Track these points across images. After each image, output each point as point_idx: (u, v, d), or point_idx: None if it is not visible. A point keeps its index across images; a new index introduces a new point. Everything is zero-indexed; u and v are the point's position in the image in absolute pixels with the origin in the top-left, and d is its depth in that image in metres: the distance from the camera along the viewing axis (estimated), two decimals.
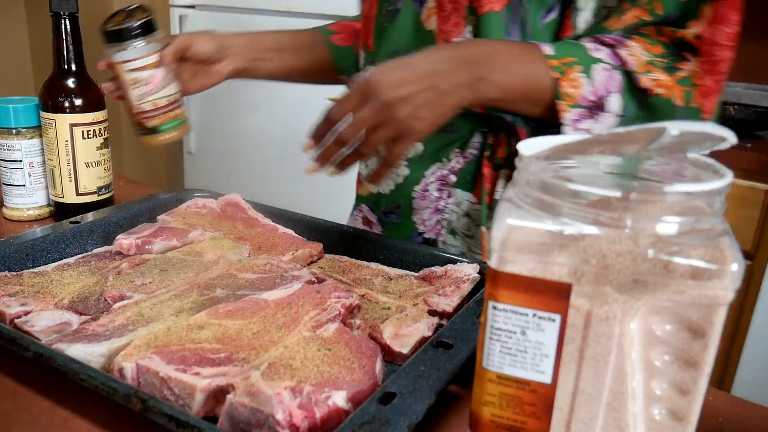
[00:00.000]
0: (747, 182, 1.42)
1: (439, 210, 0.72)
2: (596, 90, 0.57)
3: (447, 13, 0.65)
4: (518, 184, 0.33)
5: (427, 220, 0.73)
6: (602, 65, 0.57)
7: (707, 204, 0.30)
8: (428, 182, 0.72)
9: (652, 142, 0.31)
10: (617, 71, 0.57)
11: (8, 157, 0.77)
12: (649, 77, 0.58)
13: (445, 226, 0.72)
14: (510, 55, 0.57)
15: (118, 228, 0.68)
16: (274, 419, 0.37)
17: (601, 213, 0.30)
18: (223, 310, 0.49)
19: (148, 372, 0.42)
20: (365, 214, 0.81)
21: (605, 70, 0.57)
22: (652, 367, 0.31)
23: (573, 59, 0.57)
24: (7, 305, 0.50)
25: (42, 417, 0.43)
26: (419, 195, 0.73)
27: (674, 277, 0.29)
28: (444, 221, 0.72)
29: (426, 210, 0.73)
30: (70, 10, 0.72)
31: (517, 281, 0.31)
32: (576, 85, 0.57)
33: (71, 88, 0.74)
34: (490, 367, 0.34)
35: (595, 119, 0.58)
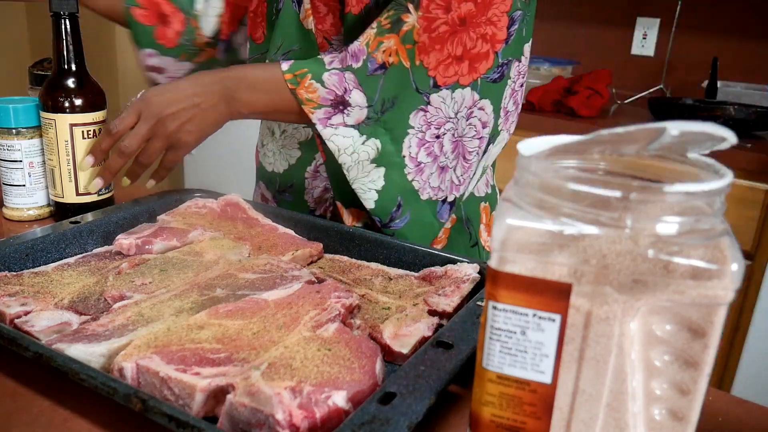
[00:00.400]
0: (747, 182, 1.42)
1: (328, 189, 0.79)
2: (332, 90, 0.66)
3: (322, 14, 0.73)
4: (518, 184, 0.33)
5: (318, 198, 0.80)
6: (332, 71, 0.66)
7: (707, 204, 0.30)
8: (319, 164, 0.79)
9: (652, 142, 0.31)
10: (347, 72, 0.66)
11: (8, 157, 0.77)
12: (381, 50, 0.66)
13: (332, 203, 0.80)
14: (254, 75, 0.68)
15: (118, 228, 0.68)
16: (274, 419, 0.37)
17: (601, 213, 0.30)
18: (223, 310, 0.50)
19: (148, 372, 0.42)
20: (262, 190, 0.89)
21: (334, 74, 0.66)
22: (652, 367, 0.31)
23: (305, 70, 0.66)
24: (7, 305, 0.50)
25: (42, 417, 0.43)
26: (311, 175, 0.80)
27: (674, 277, 0.29)
28: (331, 198, 0.79)
29: (317, 189, 0.80)
30: (70, 10, 0.72)
31: (517, 281, 0.31)
32: (312, 90, 0.66)
33: (71, 88, 0.74)
34: (490, 367, 0.34)
35: (344, 113, 0.67)
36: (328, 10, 0.72)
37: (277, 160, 0.84)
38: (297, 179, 0.82)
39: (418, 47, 0.65)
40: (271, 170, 0.86)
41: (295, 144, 0.81)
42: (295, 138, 0.81)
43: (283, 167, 0.83)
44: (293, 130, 0.81)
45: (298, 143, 0.81)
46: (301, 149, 0.81)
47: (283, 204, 0.85)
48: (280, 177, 0.84)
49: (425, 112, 0.67)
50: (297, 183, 0.82)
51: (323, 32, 0.73)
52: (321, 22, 0.73)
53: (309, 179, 0.81)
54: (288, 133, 0.82)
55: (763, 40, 1.86)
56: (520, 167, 0.33)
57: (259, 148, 0.90)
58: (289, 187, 0.83)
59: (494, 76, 0.69)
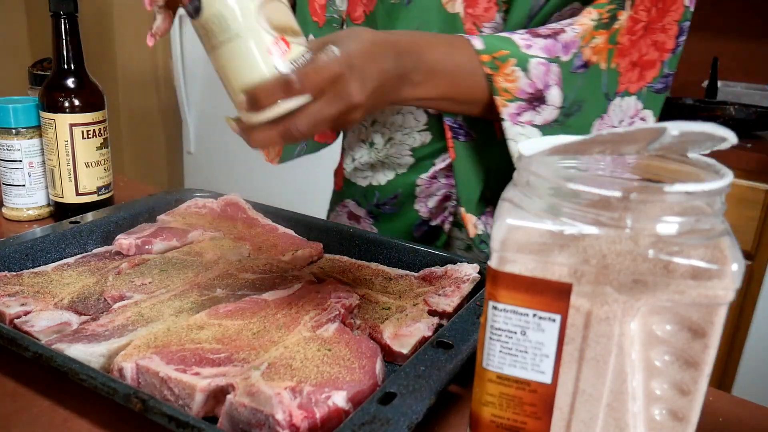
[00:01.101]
0: (747, 182, 1.42)
1: (448, 197, 0.72)
2: (534, 83, 0.57)
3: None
4: (518, 184, 0.33)
5: (434, 208, 0.73)
6: (538, 59, 0.56)
7: (707, 204, 0.30)
8: (437, 169, 0.71)
9: (653, 142, 0.31)
10: (554, 64, 0.57)
11: (8, 157, 0.77)
12: (590, 46, 0.58)
13: (452, 213, 0.72)
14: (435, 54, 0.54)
15: (117, 228, 0.68)
16: (274, 419, 0.37)
17: (601, 213, 0.30)
18: (223, 310, 0.49)
19: (147, 372, 0.42)
20: (350, 209, 0.80)
21: (541, 64, 0.57)
22: (653, 367, 0.31)
23: (505, 52, 0.56)
24: (7, 305, 0.50)
25: (42, 417, 0.43)
26: (425, 182, 0.72)
27: (674, 277, 0.29)
28: (452, 206, 0.72)
29: (433, 197, 0.72)
30: (69, 11, 0.72)
31: (517, 281, 0.31)
32: (512, 79, 0.56)
33: (71, 88, 0.74)
34: (490, 367, 0.34)
35: (536, 111, 0.58)
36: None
37: (378, 173, 0.75)
38: (405, 188, 0.73)
39: (617, 49, 0.59)
40: (368, 184, 0.77)
41: (406, 151, 0.72)
42: (405, 145, 0.72)
43: (387, 178, 0.75)
44: (403, 136, 0.72)
45: (411, 150, 0.72)
46: (414, 155, 0.72)
47: (383, 219, 0.77)
48: (381, 189, 0.75)
49: (602, 119, 0.61)
50: (404, 193, 0.74)
51: (474, 18, 0.64)
52: (472, 5, 0.63)
53: (423, 187, 0.72)
54: (396, 141, 0.73)
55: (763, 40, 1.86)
56: (521, 167, 0.33)
57: (345, 165, 0.80)
58: (392, 199, 0.75)
59: (658, 86, 0.63)
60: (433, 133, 0.70)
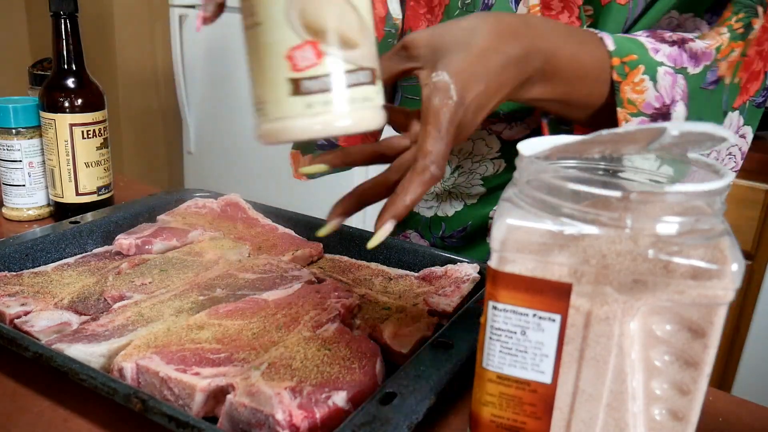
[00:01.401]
0: (747, 182, 1.43)
1: None
2: (661, 96, 0.49)
3: (556, 11, 0.57)
4: (518, 184, 0.33)
5: None
6: (665, 68, 0.49)
7: (707, 204, 0.30)
8: None
9: (653, 142, 0.31)
10: (680, 75, 0.49)
11: (8, 157, 0.77)
12: (727, 60, 0.51)
13: None
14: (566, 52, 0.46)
15: (117, 228, 0.68)
16: (274, 419, 0.37)
17: (601, 213, 0.30)
18: (223, 310, 0.49)
19: (147, 372, 0.42)
20: (412, 239, 0.76)
21: (668, 74, 0.49)
22: (652, 367, 0.31)
23: (634, 57, 0.48)
24: (7, 305, 0.50)
25: (42, 417, 0.43)
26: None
27: (674, 277, 0.29)
28: None
29: None
30: (69, 10, 0.72)
31: (517, 281, 0.31)
32: (640, 90, 0.48)
33: (71, 88, 0.74)
34: (490, 367, 0.34)
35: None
36: (563, 5, 0.56)
37: (444, 203, 0.70)
38: (475, 221, 0.68)
39: (744, 62, 0.52)
40: (433, 215, 0.71)
41: (477, 180, 0.66)
42: (476, 173, 0.66)
43: (454, 209, 0.69)
44: (473, 164, 0.66)
45: (482, 179, 0.66)
46: (486, 185, 0.66)
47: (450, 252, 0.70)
48: (448, 221, 0.70)
49: None
50: (474, 225, 0.68)
51: None
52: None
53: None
54: (465, 169, 0.67)
55: None
56: (521, 167, 0.33)
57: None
58: (460, 232, 0.70)
59: (759, 100, 0.56)
60: (507, 161, 0.65)
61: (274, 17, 0.32)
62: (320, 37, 0.32)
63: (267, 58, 0.32)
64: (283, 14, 0.31)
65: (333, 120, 0.32)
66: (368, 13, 0.33)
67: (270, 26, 0.32)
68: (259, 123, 0.33)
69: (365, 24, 0.33)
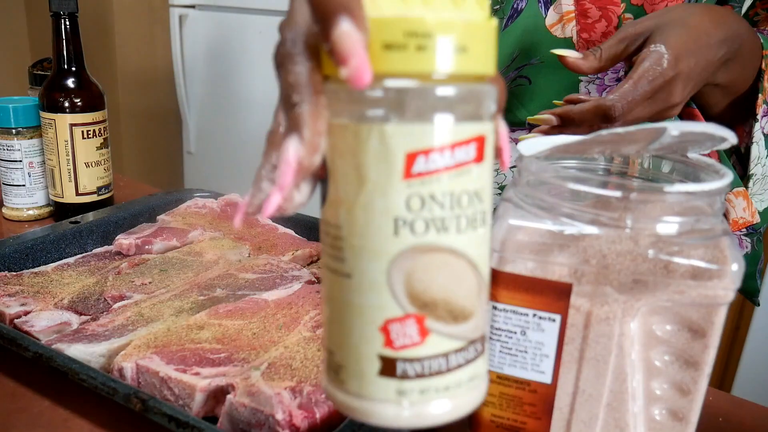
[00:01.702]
0: None
1: None
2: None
3: (592, 20, 0.57)
4: (518, 184, 0.33)
5: None
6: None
7: (707, 204, 0.30)
8: None
9: (653, 142, 0.31)
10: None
11: (8, 157, 0.77)
12: None
13: None
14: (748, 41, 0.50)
15: (117, 228, 0.68)
16: (274, 419, 0.37)
17: (601, 213, 0.30)
18: (223, 310, 0.49)
19: (147, 372, 0.42)
20: None
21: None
22: (653, 367, 0.31)
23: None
24: (7, 305, 0.50)
25: (42, 417, 0.43)
26: None
27: (674, 277, 0.29)
28: None
29: None
30: (69, 10, 0.72)
31: (517, 281, 0.31)
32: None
33: (71, 88, 0.74)
34: (491, 367, 0.34)
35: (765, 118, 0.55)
36: (601, 14, 0.57)
37: None
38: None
39: None
40: None
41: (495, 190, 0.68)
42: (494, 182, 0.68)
43: None
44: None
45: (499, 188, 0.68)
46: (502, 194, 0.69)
47: None
48: None
49: None
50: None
51: (589, 44, 0.58)
52: (588, 29, 0.58)
53: None
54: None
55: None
56: (521, 167, 0.33)
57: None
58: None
59: None
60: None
61: (371, 276, 0.23)
62: (428, 310, 0.23)
63: (355, 321, 0.24)
64: (384, 275, 0.23)
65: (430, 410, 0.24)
66: (487, 265, 0.25)
67: (364, 285, 0.23)
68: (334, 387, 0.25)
69: (483, 284, 0.25)
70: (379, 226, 0.22)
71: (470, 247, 0.23)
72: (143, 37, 2.06)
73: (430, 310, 0.23)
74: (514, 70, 0.62)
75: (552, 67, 0.60)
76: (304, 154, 0.23)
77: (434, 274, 0.23)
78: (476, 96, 0.22)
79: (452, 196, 0.22)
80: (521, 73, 0.62)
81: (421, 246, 0.22)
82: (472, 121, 0.22)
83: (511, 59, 0.62)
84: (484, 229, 0.24)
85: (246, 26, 1.73)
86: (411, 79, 0.21)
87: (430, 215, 0.22)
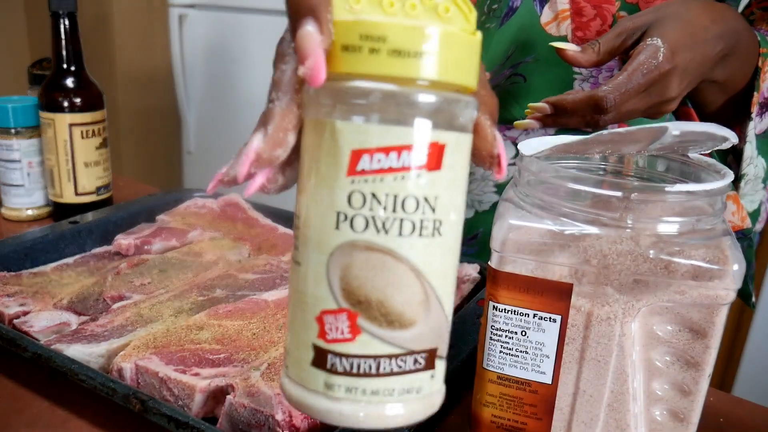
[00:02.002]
0: None
1: None
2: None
3: (587, 18, 0.58)
4: (519, 184, 0.33)
5: None
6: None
7: (708, 204, 0.30)
8: None
9: (654, 142, 0.31)
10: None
11: (7, 157, 0.77)
12: None
13: None
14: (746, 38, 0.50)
15: (117, 228, 0.68)
16: (274, 420, 0.37)
17: (601, 213, 0.30)
18: (223, 310, 0.49)
19: (147, 372, 0.42)
20: None
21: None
22: (653, 367, 0.31)
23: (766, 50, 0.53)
24: (6, 305, 0.50)
25: (41, 418, 0.43)
26: None
27: (675, 278, 0.29)
28: None
29: None
30: (69, 10, 0.72)
31: (517, 281, 0.31)
32: (764, 79, 0.53)
33: (70, 88, 0.74)
34: (491, 368, 0.33)
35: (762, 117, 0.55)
36: (596, 13, 0.57)
37: None
38: (487, 227, 0.68)
39: None
40: None
41: (490, 187, 0.68)
42: (490, 181, 0.68)
43: (466, 216, 0.69)
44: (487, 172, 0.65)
45: (495, 186, 0.68)
46: (499, 192, 0.67)
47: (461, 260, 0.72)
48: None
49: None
50: (486, 231, 0.67)
51: (583, 41, 0.58)
52: (583, 28, 0.58)
53: None
54: (477, 176, 0.68)
55: None
56: (521, 167, 0.33)
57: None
58: (470, 239, 0.70)
59: None
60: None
61: (314, 266, 0.24)
62: (362, 308, 0.23)
63: (299, 308, 0.25)
64: (324, 266, 0.23)
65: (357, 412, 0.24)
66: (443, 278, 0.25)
67: (309, 274, 0.24)
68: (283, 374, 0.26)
69: (432, 295, 0.24)
70: (323, 218, 0.23)
71: (414, 254, 0.23)
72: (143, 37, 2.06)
73: (363, 308, 0.23)
74: (509, 67, 0.62)
75: (547, 64, 0.60)
76: (263, 147, 0.24)
77: (370, 273, 0.23)
78: (434, 103, 0.22)
79: (396, 199, 0.22)
80: (516, 71, 0.63)
81: (358, 242, 0.23)
82: (428, 127, 0.22)
83: (506, 57, 0.62)
84: (437, 239, 0.23)
85: (245, 26, 1.73)
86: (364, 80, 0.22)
87: (370, 214, 0.22)
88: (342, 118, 0.22)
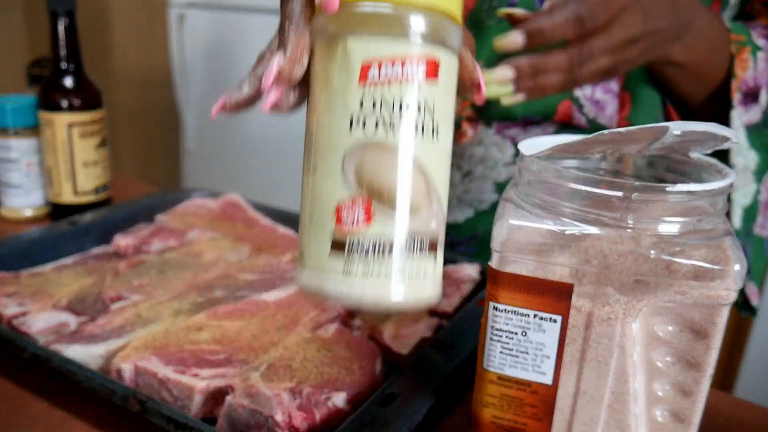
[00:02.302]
0: None
1: None
2: (756, 77, 0.54)
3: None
4: (519, 184, 0.33)
5: None
6: (763, 54, 0.54)
7: (709, 204, 0.30)
8: None
9: (655, 142, 0.31)
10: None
11: (5, 157, 0.76)
12: None
13: None
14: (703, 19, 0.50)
15: (115, 228, 0.67)
16: (274, 420, 0.37)
17: (602, 213, 0.29)
18: (222, 311, 0.49)
19: (146, 373, 0.42)
20: None
21: (762, 60, 0.54)
22: (654, 368, 0.31)
23: (743, 38, 0.53)
24: (5, 306, 0.50)
25: (39, 419, 0.42)
26: None
27: (676, 278, 0.29)
28: None
29: None
30: (68, 9, 0.72)
31: (518, 282, 0.31)
32: (744, 67, 0.53)
33: (69, 88, 0.74)
34: (491, 368, 0.33)
35: (745, 108, 0.55)
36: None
37: (454, 209, 0.71)
38: (487, 227, 0.67)
39: None
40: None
41: (489, 186, 0.67)
42: (488, 179, 0.67)
43: (464, 216, 0.69)
44: (486, 170, 0.67)
45: (495, 185, 0.67)
46: (498, 191, 0.67)
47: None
48: (457, 228, 0.70)
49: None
50: (486, 231, 0.67)
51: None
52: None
53: None
54: (476, 175, 0.68)
55: None
56: (522, 167, 0.33)
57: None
58: (470, 239, 0.70)
59: None
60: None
61: (330, 165, 0.28)
62: (375, 195, 0.27)
63: (315, 206, 0.28)
64: (339, 163, 0.27)
65: (373, 292, 0.27)
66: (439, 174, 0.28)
67: (324, 175, 0.28)
68: (298, 272, 0.29)
69: (432, 190, 0.28)
70: (338, 123, 0.27)
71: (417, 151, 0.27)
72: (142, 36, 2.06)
73: (376, 195, 0.27)
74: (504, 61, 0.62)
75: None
76: (284, 64, 0.29)
77: (381, 166, 0.27)
78: (429, 23, 0.27)
79: (401, 102, 0.27)
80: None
81: (369, 141, 0.27)
82: (425, 43, 0.27)
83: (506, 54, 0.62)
84: (436, 143, 0.28)
85: (245, 26, 1.73)
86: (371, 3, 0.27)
87: (380, 115, 0.27)
88: (353, 35, 0.27)
